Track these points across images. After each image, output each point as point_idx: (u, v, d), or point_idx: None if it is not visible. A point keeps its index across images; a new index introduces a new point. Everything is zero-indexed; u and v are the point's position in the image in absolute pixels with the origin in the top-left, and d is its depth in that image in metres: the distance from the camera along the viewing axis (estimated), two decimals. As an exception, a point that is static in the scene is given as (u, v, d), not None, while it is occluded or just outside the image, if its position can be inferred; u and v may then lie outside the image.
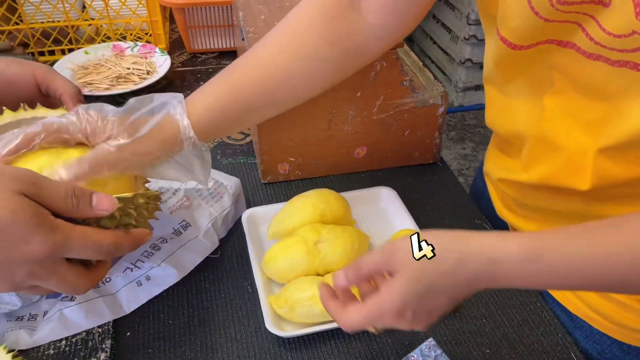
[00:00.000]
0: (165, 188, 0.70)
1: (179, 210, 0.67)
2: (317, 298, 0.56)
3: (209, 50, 1.16)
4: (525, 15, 0.46)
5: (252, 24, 0.75)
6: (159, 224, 0.64)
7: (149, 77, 1.02)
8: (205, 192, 0.70)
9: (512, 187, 0.62)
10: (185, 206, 0.67)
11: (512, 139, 0.60)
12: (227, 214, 0.69)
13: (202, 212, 0.67)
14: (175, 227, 0.65)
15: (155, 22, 1.11)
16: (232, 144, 0.89)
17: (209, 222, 0.66)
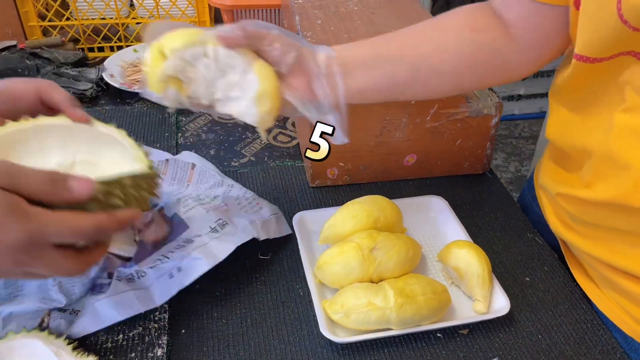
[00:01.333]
0: (204, 195, 0.70)
1: (215, 210, 0.67)
2: (373, 305, 0.56)
3: (254, 52, 1.17)
4: (612, 25, 0.45)
5: (309, 29, 0.75)
6: (196, 222, 0.64)
7: (196, 77, 1.03)
8: (244, 202, 0.70)
9: (572, 202, 0.61)
10: (223, 210, 0.67)
11: (573, 153, 0.59)
12: (267, 222, 0.68)
13: (240, 216, 0.67)
14: (212, 226, 0.64)
15: (203, 23, 1.12)
16: (279, 147, 0.89)
17: (246, 222, 0.66)
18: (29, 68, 0.99)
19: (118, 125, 0.88)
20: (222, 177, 0.76)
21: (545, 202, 0.70)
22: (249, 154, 0.87)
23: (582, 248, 0.63)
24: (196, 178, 0.75)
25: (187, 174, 0.75)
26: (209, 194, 0.71)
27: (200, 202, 0.67)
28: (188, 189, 0.73)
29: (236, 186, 0.74)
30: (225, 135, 0.92)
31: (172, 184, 0.74)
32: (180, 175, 0.75)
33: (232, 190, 0.73)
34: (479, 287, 0.61)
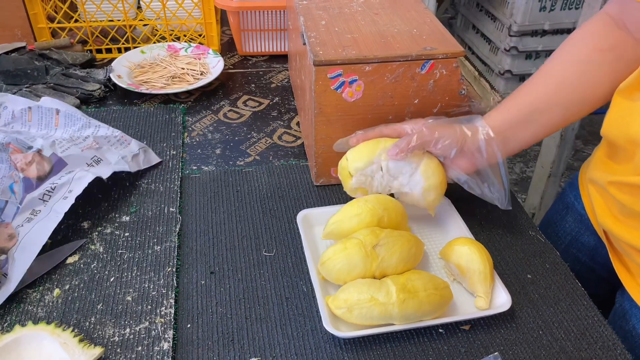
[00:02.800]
0: (76, 136, 0.79)
1: (89, 149, 0.77)
2: (376, 300, 0.57)
3: (259, 54, 1.18)
4: None
5: (314, 29, 0.76)
6: (73, 159, 0.73)
7: (202, 78, 1.05)
8: (113, 140, 0.81)
9: (624, 191, 0.62)
10: (95, 147, 0.78)
11: (628, 145, 0.61)
12: (137, 156, 0.80)
13: (111, 152, 0.78)
14: (88, 162, 0.74)
15: (210, 25, 1.14)
16: (283, 146, 0.90)
17: (118, 157, 0.77)
18: (38, 69, 1.00)
19: (125, 125, 0.93)
20: (88, 118, 0.83)
21: (594, 196, 0.71)
22: (254, 153, 0.88)
23: (629, 241, 0.63)
24: (62, 122, 0.82)
25: (52, 119, 0.82)
26: (79, 135, 0.80)
27: (74, 143, 0.77)
28: (57, 132, 0.81)
29: (103, 126, 0.83)
30: (230, 135, 0.93)
31: (40, 128, 0.81)
32: (47, 120, 0.82)
33: (99, 130, 0.82)
34: (481, 283, 0.61)
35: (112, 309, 0.61)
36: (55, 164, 0.72)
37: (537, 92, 0.67)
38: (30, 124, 0.81)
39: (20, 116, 0.81)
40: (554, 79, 0.67)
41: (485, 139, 0.65)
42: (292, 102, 1.03)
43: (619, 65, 0.64)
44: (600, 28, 0.66)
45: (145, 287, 0.63)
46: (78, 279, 0.64)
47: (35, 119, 0.81)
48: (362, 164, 0.67)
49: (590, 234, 0.75)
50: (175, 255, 0.68)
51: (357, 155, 0.68)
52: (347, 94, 0.72)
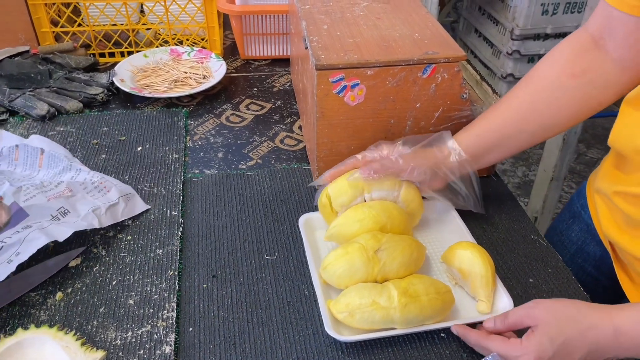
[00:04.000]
0: (47, 181, 0.73)
1: (58, 198, 0.69)
2: (377, 305, 0.57)
3: (261, 57, 1.19)
4: None
5: (316, 34, 0.76)
6: (36, 211, 0.67)
7: (205, 82, 1.05)
8: (90, 186, 0.74)
9: (629, 201, 0.62)
10: (66, 196, 0.70)
11: (635, 157, 0.61)
12: (114, 206, 0.72)
13: (84, 202, 0.71)
14: (53, 214, 0.67)
15: (212, 29, 1.14)
16: (285, 150, 0.90)
17: (89, 209, 0.69)
18: (41, 73, 1.01)
19: (127, 129, 0.91)
20: (70, 161, 0.78)
21: (600, 206, 0.71)
22: (257, 157, 0.89)
23: (632, 251, 0.63)
24: (46, 162, 0.78)
25: (37, 159, 0.78)
26: (54, 180, 0.74)
27: (42, 190, 0.70)
28: (40, 173, 0.77)
29: (84, 170, 0.77)
30: (233, 138, 0.93)
31: (25, 169, 0.78)
32: (32, 160, 0.78)
33: (79, 175, 0.76)
34: (483, 287, 0.61)
35: (114, 313, 0.61)
36: (15, 215, 0.66)
37: (506, 117, 0.68)
38: (17, 163, 0.78)
39: (8, 154, 0.78)
40: (523, 105, 0.67)
41: (458, 161, 0.69)
42: (294, 105, 1.03)
43: (590, 89, 0.64)
44: (575, 49, 0.66)
45: (147, 290, 0.63)
46: (80, 283, 0.64)
47: (21, 157, 0.78)
48: (346, 198, 0.68)
49: (596, 244, 0.75)
50: (177, 258, 0.68)
51: (339, 191, 0.68)
52: (349, 98, 0.72)
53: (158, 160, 0.85)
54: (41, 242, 0.61)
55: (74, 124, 0.93)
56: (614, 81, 0.63)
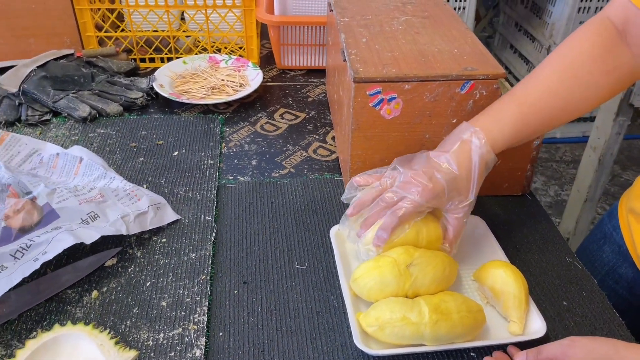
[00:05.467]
0: (81, 186, 0.75)
1: (89, 203, 0.71)
2: (407, 320, 0.56)
3: (297, 67, 1.20)
4: None
5: (355, 46, 0.77)
6: (67, 214, 0.68)
7: (241, 90, 1.07)
8: (122, 193, 0.75)
9: None
10: (98, 201, 0.72)
11: None
12: (143, 214, 0.73)
13: (114, 208, 0.72)
14: (83, 218, 0.69)
15: (250, 38, 1.16)
16: (318, 160, 0.91)
17: (118, 216, 0.70)
18: (84, 76, 1.04)
19: (165, 133, 0.92)
20: (105, 170, 0.80)
21: (635, 226, 0.70)
22: (289, 166, 0.89)
23: None
24: (82, 171, 0.80)
25: (74, 167, 0.80)
26: (87, 185, 0.76)
27: (75, 194, 0.72)
28: (74, 180, 0.78)
29: (118, 178, 0.78)
30: (267, 147, 0.94)
31: (61, 176, 0.79)
32: (69, 167, 0.80)
33: (112, 182, 0.78)
34: (515, 308, 0.60)
35: (147, 314, 0.62)
36: (46, 215, 0.68)
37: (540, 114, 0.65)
38: (54, 170, 0.80)
39: (48, 161, 0.81)
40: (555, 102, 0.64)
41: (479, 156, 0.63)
42: (328, 116, 1.04)
43: (617, 85, 0.64)
44: (606, 44, 0.64)
45: (179, 293, 0.64)
46: (115, 282, 0.66)
47: (59, 165, 0.80)
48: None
49: (629, 265, 0.73)
50: (209, 263, 0.69)
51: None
52: (385, 111, 0.72)
53: (194, 165, 0.87)
54: (68, 243, 0.63)
55: (113, 127, 0.96)
56: (636, 75, 0.64)
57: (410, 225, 0.63)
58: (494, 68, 0.72)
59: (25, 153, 0.82)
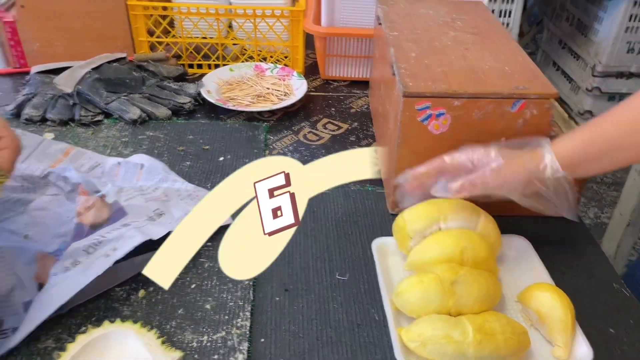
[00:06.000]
0: (146, 186, 0.76)
1: (155, 201, 0.74)
2: (450, 338, 0.56)
3: (340, 78, 1.21)
4: None
5: (404, 61, 0.77)
6: (135, 211, 0.71)
7: (286, 99, 1.08)
8: (184, 194, 0.78)
9: None
10: (162, 200, 0.75)
11: None
12: None
13: (178, 207, 0.74)
14: (149, 215, 0.71)
15: (296, 48, 1.18)
16: (360, 172, 0.91)
17: (183, 214, 0.72)
18: (135, 79, 1.07)
19: (211, 139, 0.94)
20: (167, 173, 0.82)
21: None
22: (332, 176, 0.90)
23: None
24: (144, 176, 0.81)
25: (136, 173, 0.82)
26: (151, 186, 0.78)
27: (141, 193, 0.75)
28: (138, 184, 0.80)
29: (179, 181, 0.81)
30: (309, 156, 0.95)
31: (124, 183, 0.81)
32: (131, 174, 0.81)
33: (175, 184, 0.80)
34: (561, 332, 0.59)
35: (191, 315, 0.63)
36: (115, 213, 0.71)
37: (621, 129, 0.61)
38: (117, 178, 0.81)
39: (110, 171, 0.82)
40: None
41: (553, 178, 0.63)
42: (371, 128, 1.04)
43: None
44: None
45: (223, 297, 0.66)
46: (161, 282, 0.67)
47: (121, 173, 0.82)
48: (421, 225, 0.68)
49: None
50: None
51: (416, 216, 0.68)
52: (433, 127, 0.72)
53: (238, 171, 0.88)
54: (137, 240, 0.65)
55: (162, 130, 0.99)
56: None
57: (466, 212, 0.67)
58: (546, 87, 0.71)
59: (88, 165, 0.85)
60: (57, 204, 0.73)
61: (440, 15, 0.94)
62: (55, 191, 0.75)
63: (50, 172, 0.77)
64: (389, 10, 0.94)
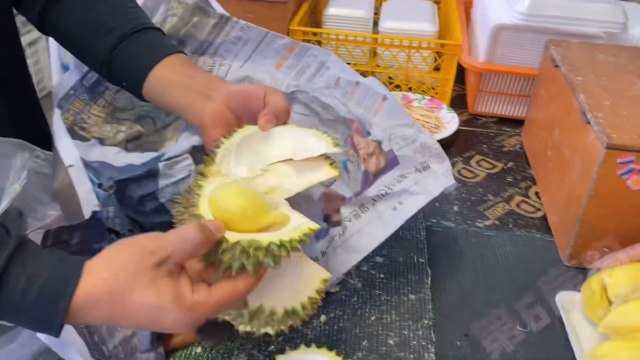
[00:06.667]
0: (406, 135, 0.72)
1: (418, 153, 0.72)
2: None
3: (489, 114, 1.19)
4: None
5: (598, 109, 0.74)
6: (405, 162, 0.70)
7: (437, 132, 1.07)
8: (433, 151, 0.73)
9: None
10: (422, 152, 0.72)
11: None
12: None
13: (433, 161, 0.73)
14: (416, 167, 0.71)
15: (447, 81, 1.17)
16: (523, 215, 0.89)
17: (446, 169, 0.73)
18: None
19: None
20: (410, 119, 0.75)
21: None
22: (493, 217, 0.88)
23: None
24: (385, 111, 0.74)
25: (376, 104, 0.75)
26: (404, 134, 0.73)
27: (406, 143, 0.72)
28: (375, 117, 0.74)
29: (423, 132, 0.74)
30: (466, 193, 0.93)
31: (359, 107, 0.75)
32: (369, 103, 0.75)
33: (420, 136, 0.73)
34: None
35: (376, 349, 0.63)
36: (390, 162, 0.70)
37: None
38: (351, 97, 0.75)
39: (345, 86, 0.75)
40: None
41: None
42: (527, 170, 1.01)
43: None
44: None
45: (405, 334, 0.65)
46: (341, 310, 0.68)
47: (358, 94, 0.75)
48: (628, 289, 0.63)
49: None
50: (430, 308, 0.69)
51: (622, 279, 0.64)
52: (633, 182, 0.69)
53: (400, 203, 0.88)
54: (422, 201, 0.68)
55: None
56: None
57: None
58: None
59: (314, 66, 0.77)
60: None
61: (622, 62, 0.90)
62: None
63: (297, 90, 0.74)
64: (565, 54, 0.92)
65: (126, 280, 0.43)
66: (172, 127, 0.78)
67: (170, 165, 0.62)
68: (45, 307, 0.43)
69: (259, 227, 0.50)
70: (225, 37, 0.76)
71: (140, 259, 0.44)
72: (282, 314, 0.51)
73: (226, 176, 0.55)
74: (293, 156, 0.56)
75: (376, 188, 0.68)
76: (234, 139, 0.56)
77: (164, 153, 0.63)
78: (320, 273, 0.54)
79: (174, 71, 0.62)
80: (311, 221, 0.51)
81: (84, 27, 0.66)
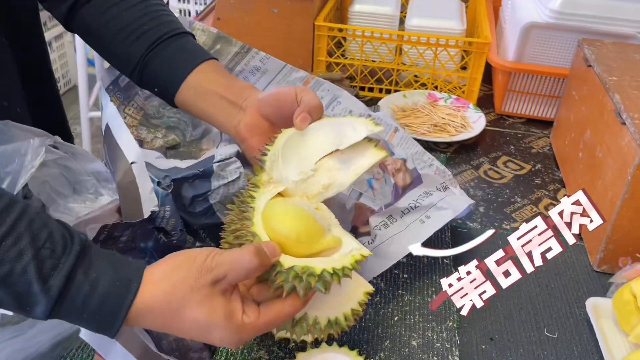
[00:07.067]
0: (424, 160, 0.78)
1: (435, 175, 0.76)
2: None
3: (517, 115, 1.16)
4: None
5: (635, 110, 0.72)
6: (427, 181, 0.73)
7: (463, 131, 1.05)
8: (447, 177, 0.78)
9: None
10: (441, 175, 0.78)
11: None
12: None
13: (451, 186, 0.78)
14: (437, 186, 0.75)
15: (474, 80, 1.15)
16: (551, 218, 0.86)
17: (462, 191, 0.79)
18: (315, 97, 1.10)
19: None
20: (421, 148, 0.81)
21: None
22: (521, 220, 0.86)
23: None
24: (396, 141, 0.80)
25: (388, 135, 0.80)
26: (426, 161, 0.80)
27: (426, 165, 0.77)
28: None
29: (435, 162, 0.80)
30: (493, 195, 0.91)
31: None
32: (381, 133, 0.79)
33: (435, 161, 0.80)
34: None
35: (399, 350, 0.62)
36: (415, 179, 0.73)
37: None
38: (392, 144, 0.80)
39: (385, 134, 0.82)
40: None
41: None
42: (556, 172, 0.98)
43: None
44: None
45: (428, 336, 0.64)
46: (363, 310, 0.67)
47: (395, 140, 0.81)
48: None
49: None
50: (454, 310, 0.67)
51: None
52: (670, 186, 0.66)
53: (424, 202, 0.87)
54: (449, 215, 0.69)
55: (343, 151, 1.00)
56: None
57: None
58: None
59: (327, 99, 0.82)
60: None
61: (659, 61, 0.87)
62: None
63: None
64: (599, 53, 0.89)
65: (183, 295, 0.45)
66: (205, 140, 0.79)
67: (223, 167, 0.63)
68: (105, 314, 0.44)
69: (312, 252, 0.51)
70: (245, 65, 0.79)
71: (198, 275, 0.45)
72: (325, 324, 0.52)
73: (278, 183, 0.55)
74: (337, 147, 0.56)
75: (405, 201, 0.69)
76: (277, 144, 0.56)
77: (214, 155, 0.64)
78: (364, 285, 0.55)
79: (208, 79, 0.62)
80: (363, 247, 0.52)
81: (115, 29, 0.65)
